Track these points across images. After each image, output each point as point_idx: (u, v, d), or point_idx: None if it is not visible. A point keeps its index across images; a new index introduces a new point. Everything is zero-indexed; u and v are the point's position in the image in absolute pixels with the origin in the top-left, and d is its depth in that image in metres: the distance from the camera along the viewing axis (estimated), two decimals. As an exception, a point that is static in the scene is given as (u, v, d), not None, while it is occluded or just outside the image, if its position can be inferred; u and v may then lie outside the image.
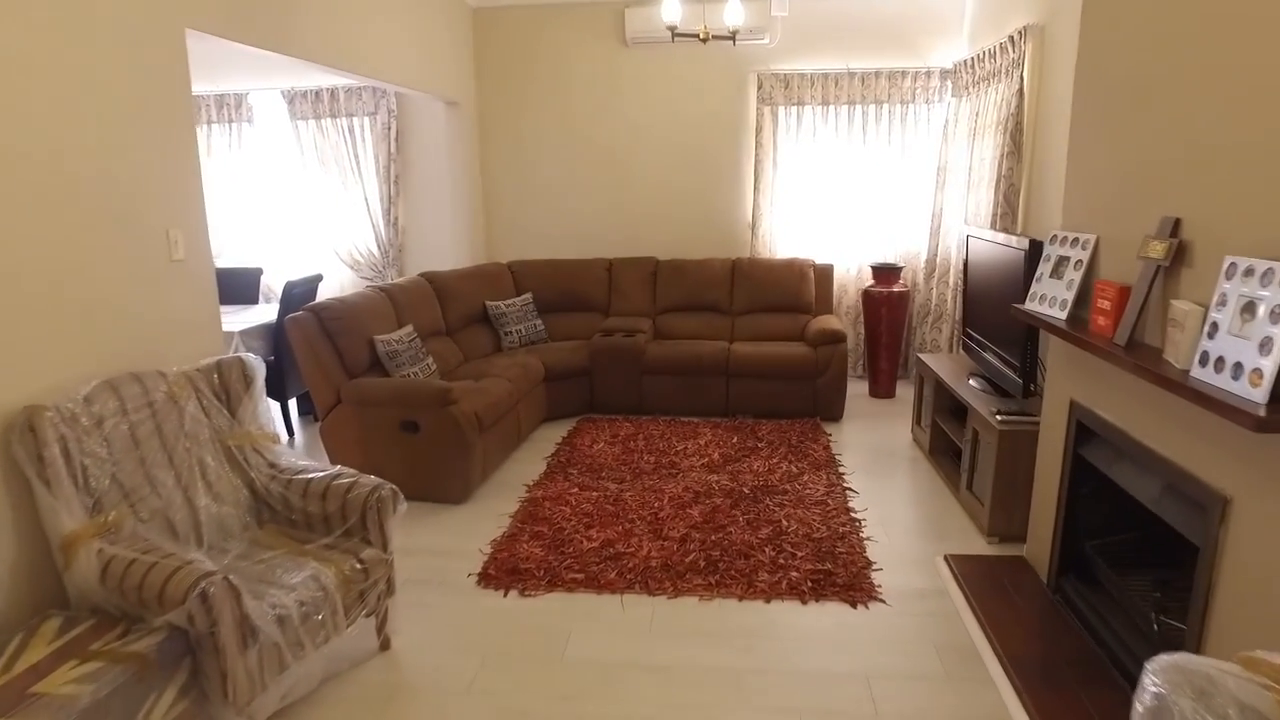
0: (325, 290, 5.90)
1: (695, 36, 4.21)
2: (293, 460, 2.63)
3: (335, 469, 2.57)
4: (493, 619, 2.80)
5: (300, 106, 6.08)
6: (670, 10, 3.96)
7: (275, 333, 4.60)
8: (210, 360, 2.61)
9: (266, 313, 4.91)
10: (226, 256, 6.44)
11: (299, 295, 4.74)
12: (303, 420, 5.16)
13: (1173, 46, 2.09)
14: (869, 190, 5.67)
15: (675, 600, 2.91)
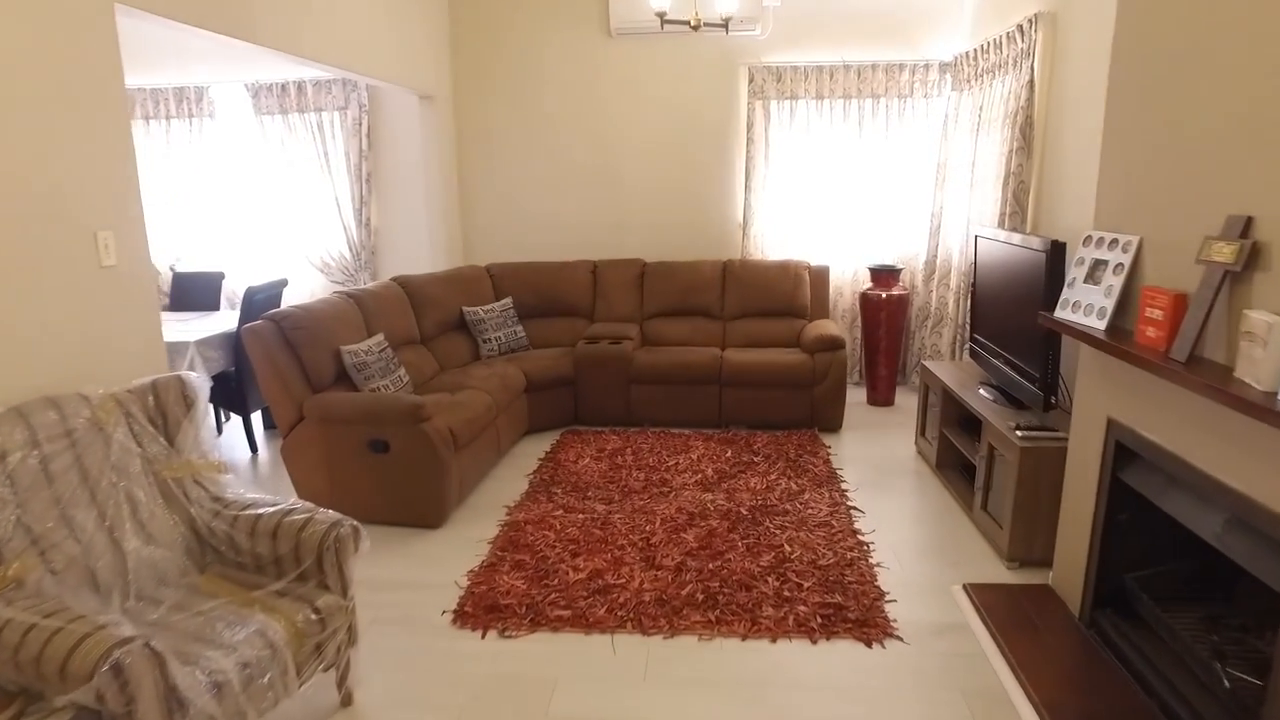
0: (294, 296, 5.58)
1: (686, 24, 3.94)
2: (241, 493, 2.33)
3: (288, 503, 2.26)
4: (469, 666, 2.51)
5: (266, 100, 5.74)
6: (659, -5, 3.70)
7: (236, 342, 4.27)
8: (145, 380, 2.30)
9: (227, 320, 4.57)
10: (187, 260, 6.09)
11: (261, 302, 4.41)
12: (269, 435, 4.83)
13: (1238, 4, 1.84)
14: (865, 189, 5.43)
15: (672, 640, 2.63)
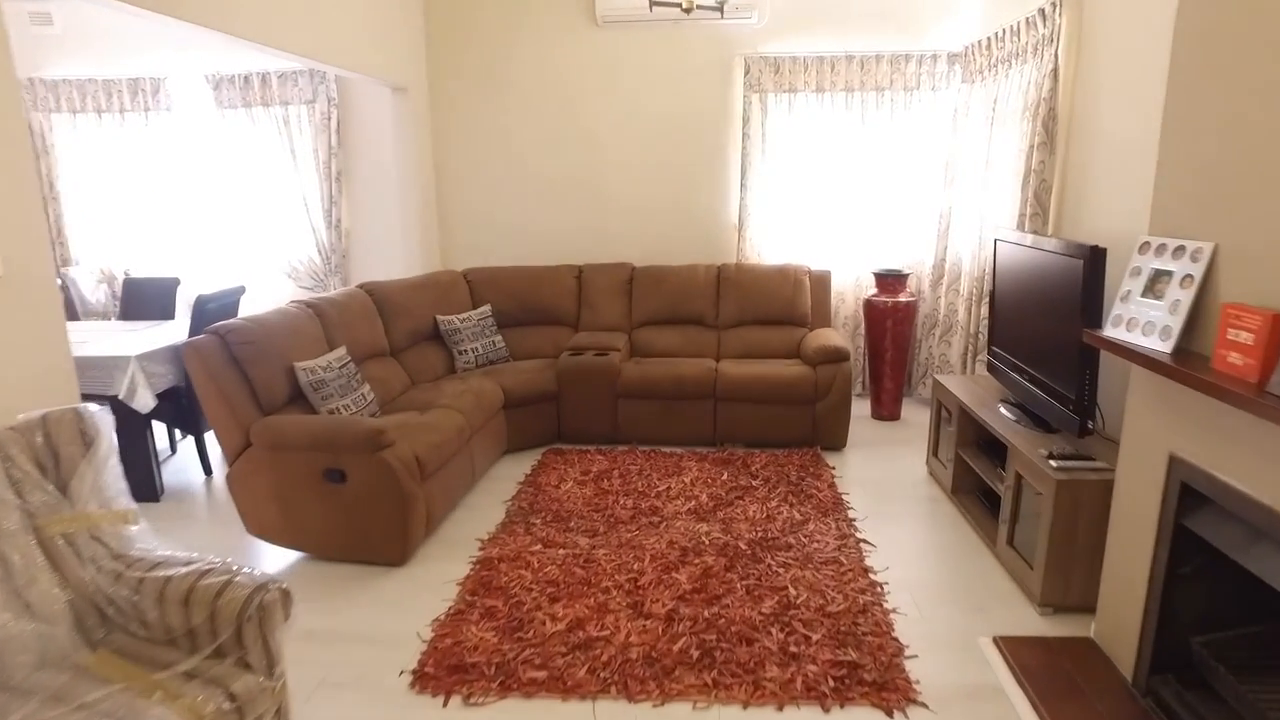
0: (257, 305, 5.19)
1: (678, 6, 3.59)
2: (152, 548, 1.96)
3: (203, 562, 1.90)
4: (426, 745, 2.15)
5: (227, 93, 5.36)
6: (648, -27, 3.34)
7: (184, 356, 3.89)
8: (33, 415, 1.93)
9: (179, 331, 4.19)
10: (142, 265, 5.70)
11: (214, 311, 4.04)
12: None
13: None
14: (868, 188, 5.09)
15: (663, 709, 2.27)
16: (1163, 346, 1.98)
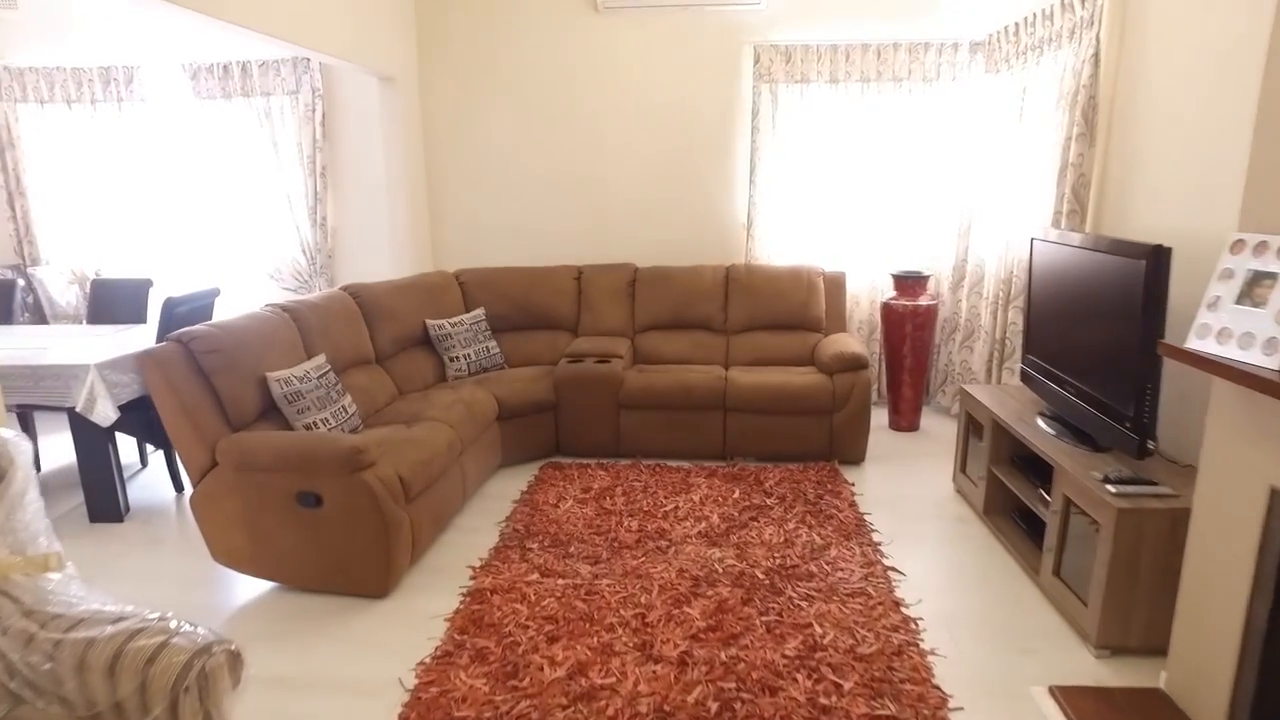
0: (234, 309, 4.88)
1: (686, -16, 3.30)
2: (73, 601, 1.65)
3: (135, 619, 1.60)
4: (403, 823, 1.85)
5: (206, 83, 5.05)
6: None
7: (150, 364, 3.59)
8: (-64, 443, 1.63)
9: (145, 337, 3.89)
10: (113, 265, 5.40)
11: (184, 315, 3.74)
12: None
13: None
14: (885, 184, 4.80)
15: (677, 776, 1.98)
16: (1268, 362, 1.69)
